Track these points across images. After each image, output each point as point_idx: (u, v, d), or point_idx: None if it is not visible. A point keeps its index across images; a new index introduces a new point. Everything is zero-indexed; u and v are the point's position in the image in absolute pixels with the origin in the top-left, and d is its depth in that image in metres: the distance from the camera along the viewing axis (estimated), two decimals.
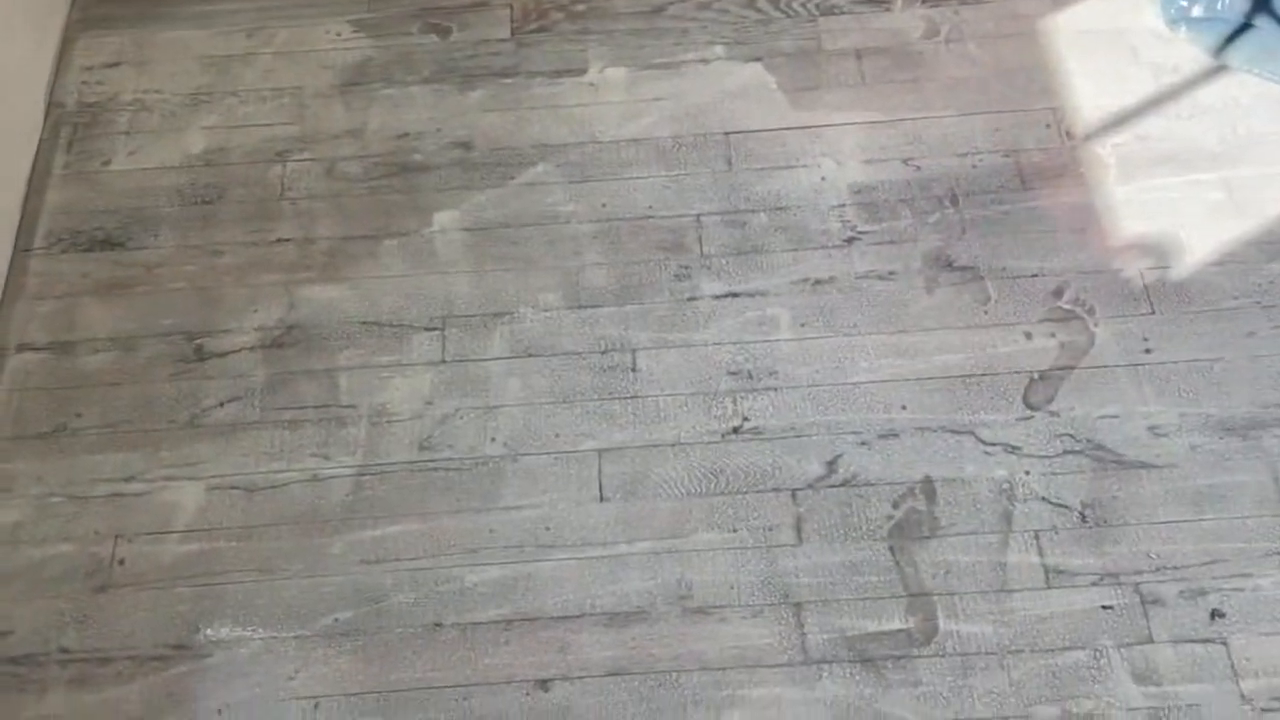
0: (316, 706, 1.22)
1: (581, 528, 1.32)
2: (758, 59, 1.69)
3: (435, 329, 1.46)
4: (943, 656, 1.23)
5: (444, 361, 1.44)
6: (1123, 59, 1.67)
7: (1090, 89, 1.64)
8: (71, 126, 1.66)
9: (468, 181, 1.59)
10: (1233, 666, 1.22)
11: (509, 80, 1.69)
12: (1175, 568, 1.28)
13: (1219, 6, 1.58)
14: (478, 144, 1.63)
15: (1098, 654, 1.23)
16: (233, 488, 1.35)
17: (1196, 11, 1.61)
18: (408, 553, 1.31)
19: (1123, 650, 1.23)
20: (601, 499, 1.34)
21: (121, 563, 1.31)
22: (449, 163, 1.61)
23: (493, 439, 1.38)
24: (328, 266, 1.52)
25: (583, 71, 1.69)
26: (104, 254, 1.54)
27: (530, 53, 1.72)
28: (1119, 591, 1.26)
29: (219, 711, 1.22)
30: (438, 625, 1.26)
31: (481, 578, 1.29)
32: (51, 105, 1.68)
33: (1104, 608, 1.26)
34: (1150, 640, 1.23)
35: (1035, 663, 1.23)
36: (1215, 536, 1.29)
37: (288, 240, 1.54)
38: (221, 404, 1.41)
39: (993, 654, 1.23)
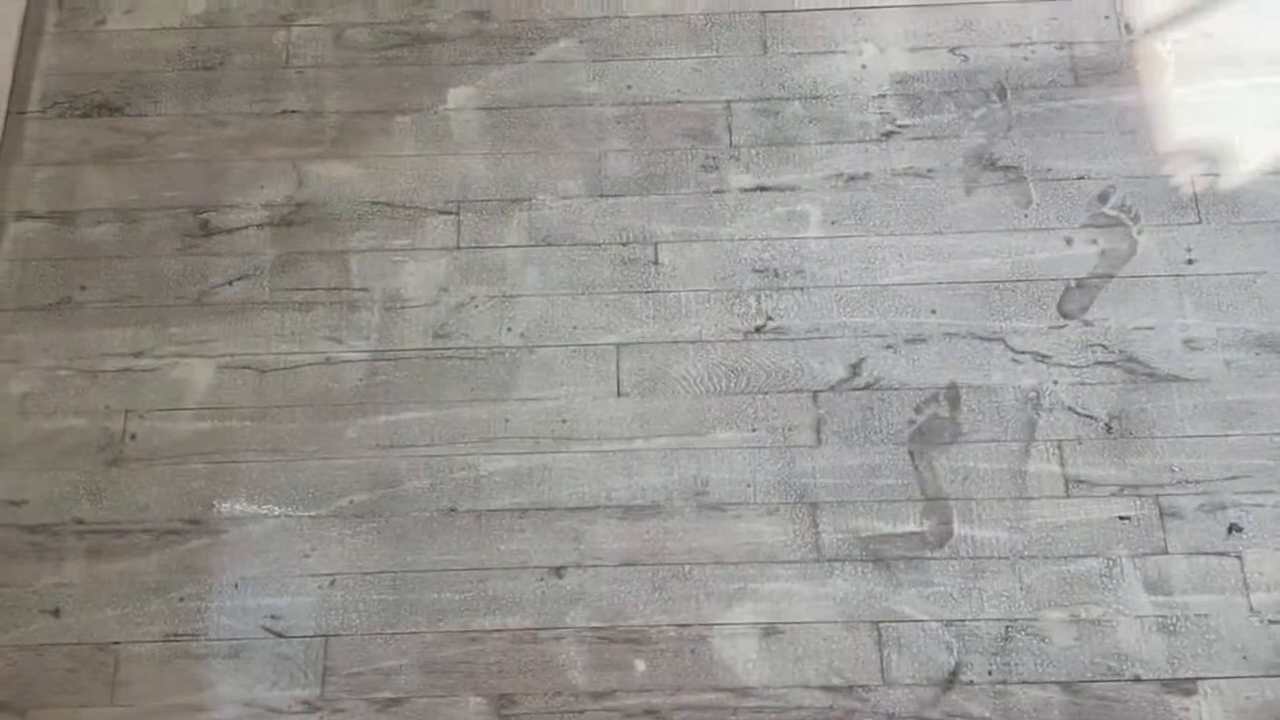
0: (333, 583, 1.23)
1: (599, 421, 1.30)
2: None
3: (450, 213, 1.40)
4: (955, 559, 1.23)
5: (459, 247, 1.39)
6: None
7: None
8: None
9: (485, 56, 1.50)
10: (1244, 580, 1.22)
11: None
12: (1197, 481, 1.26)
13: None
14: (495, 14, 1.53)
15: (1111, 563, 1.23)
16: (244, 367, 1.33)
17: None
18: (422, 439, 1.29)
19: (1136, 560, 1.23)
20: (619, 394, 1.31)
21: (133, 437, 1.30)
22: (465, 34, 1.51)
23: (509, 329, 1.34)
24: (337, 142, 1.45)
25: None
26: (103, 120, 1.46)
27: None
28: (1138, 503, 1.25)
29: (235, 585, 1.23)
30: (453, 511, 1.26)
31: (497, 467, 1.28)
32: None
33: (1121, 518, 1.25)
34: (1165, 551, 1.23)
35: (1047, 569, 1.23)
36: (1241, 452, 1.28)
37: (294, 112, 1.47)
38: (230, 282, 1.37)
39: (1005, 559, 1.23)
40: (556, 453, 1.29)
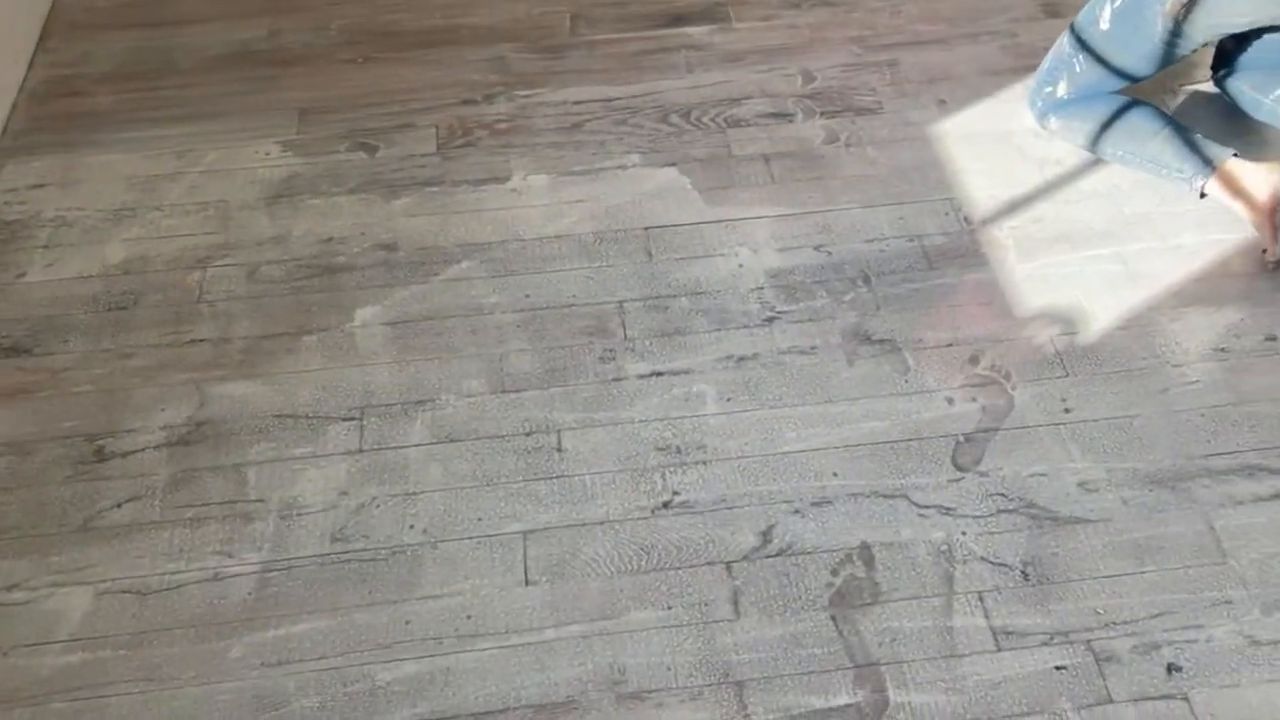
0: None
1: (506, 614, 1.23)
2: (672, 164, 1.79)
3: (353, 419, 1.42)
4: None
5: (361, 450, 1.39)
6: (1009, 156, 1.80)
7: (982, 182, 1.75)
8: None
9: (391, 279, 1.60)
10: None
11: (434, 189, 1.75)
12: (1125, 622, 1.23)
13: (1077, 69, 1.72)
14: (402, 245, 1.65)
15: (1057, 718, 1.16)
16: (124, 592, 1.25)
17: (1062, 90, 1.75)
18: (314, 652, 1.20)
19: (1082, 712, 1.16)
20: (527, 582, 1.26)
21: None
22: (373, 263, 1.63)
23: (411, 526, 1.31)
24: (243, 364, 1.49)
25: (506, 179, 1.76)
26: (8, 361, 1.49)
27: (455, 165, 1.79)
28: (1071, 650, 1.21)
29: None
30: None
31: (395, 674, 1.18)
32: None
33: (1058, 668, 1.20)
34: (1110, 700, 1.17)
35: None
36: (1160, 588, 1.26)
37: (203, 340, 1.51)
38: (119, 505, 1.33)
39: None
40: (461, 652, 1.20)
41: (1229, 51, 1.79)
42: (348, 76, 1.96)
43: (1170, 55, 1.66)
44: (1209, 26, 1.62)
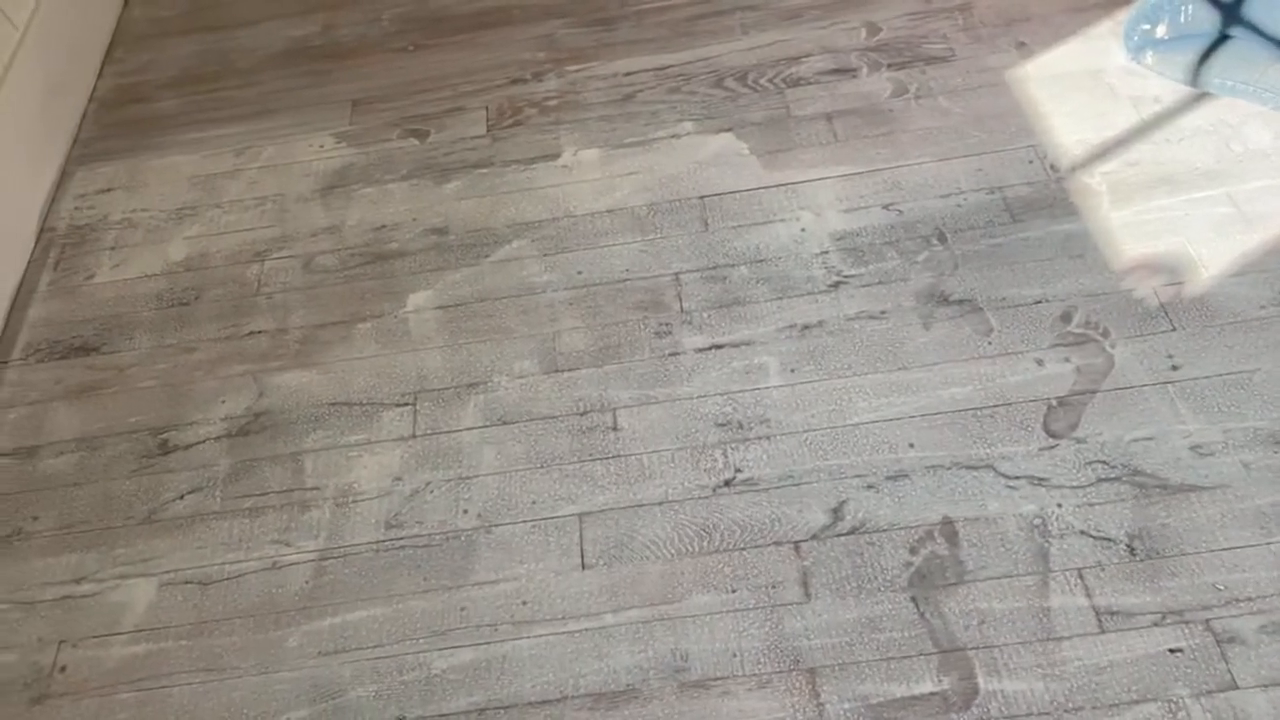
0: None
1: (562, 599, 1.18)
2: (728, 130, 1.70)
3: (406, 404, 1.39)
4: None
5: (414, 436, 1.36)
6: (1100, 96, 1.64)
7: (1070, 126, 1.60)
8: (60, 247, 1.70)
9: (443, 263, 1.57)
10: None
11: (485, 170, 1.71)
12: (1250, 599, 1.09)
13: (1182, 19, 1.56)
14: (453, 229, 1.62)
15: (1173, 706, 1.03)
16: (186, 582, 1.25)
17: (1161, 32, 1.59)
18: (370, 640, 1.17)
19: (1203, 700, 1.03)
20: (584, 566, 1.21)
21: (63, 670, 1.19)
22: (424, 248, 1.60)
23: (465, 511, 1.27)
24: (299, 354, 1.48)
25: (556, 156, 1.71)
26: (78, 360, 1.52)
27: (505, 145, 1.75)
28: (1187, 631, 1.08)
29: None
30: None
31: (451, 662, 1.15)
32: (43, 230, 1.73)
33: (1172, 651, 1.07)
34: (1235, 686, 1.04)
35: None
36: None
37: (260, 332, 1.52)
38: (181, 496, 1.33)
39: (1046, 714, 1.04)
40: (517, 639, 1.16)
41: None
42: (399, 65, 1.95)
43: None
44: None
